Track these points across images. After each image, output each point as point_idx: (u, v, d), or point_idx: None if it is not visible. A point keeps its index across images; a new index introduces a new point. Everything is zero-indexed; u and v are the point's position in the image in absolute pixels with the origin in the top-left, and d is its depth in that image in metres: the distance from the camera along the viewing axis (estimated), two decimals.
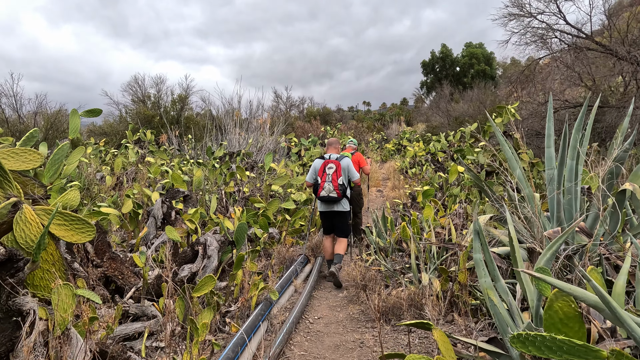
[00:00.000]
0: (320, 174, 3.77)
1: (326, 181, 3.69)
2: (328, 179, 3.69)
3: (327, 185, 3.68)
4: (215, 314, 2.45)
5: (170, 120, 17.56)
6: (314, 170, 3.87)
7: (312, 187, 3.89)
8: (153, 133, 11.12)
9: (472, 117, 12.91)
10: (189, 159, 8.69)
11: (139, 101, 19.34)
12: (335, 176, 3.69)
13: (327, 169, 3.75)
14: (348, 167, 3.81)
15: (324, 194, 3.69)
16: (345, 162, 3.81)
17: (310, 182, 3.92)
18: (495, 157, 7.19)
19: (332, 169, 3.73)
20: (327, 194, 3.67)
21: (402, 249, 3.69)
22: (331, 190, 3.66)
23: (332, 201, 3.72)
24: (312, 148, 9.63)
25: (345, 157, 3.87)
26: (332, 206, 3.77)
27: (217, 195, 5.23)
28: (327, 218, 3.87)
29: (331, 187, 3.66)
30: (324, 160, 3.86)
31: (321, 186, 3.71)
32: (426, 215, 3.97)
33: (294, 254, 3.98)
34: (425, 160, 11.08)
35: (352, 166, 3.86)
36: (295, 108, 27.47)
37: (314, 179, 3.87)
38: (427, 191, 5.10)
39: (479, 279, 1.69)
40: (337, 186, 3.66)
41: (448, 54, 37.26)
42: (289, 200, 4.85)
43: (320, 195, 3.72)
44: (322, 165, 3.80)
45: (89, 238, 1.70)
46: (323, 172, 3.75)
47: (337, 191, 3.65)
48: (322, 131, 14.84)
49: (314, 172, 3.87)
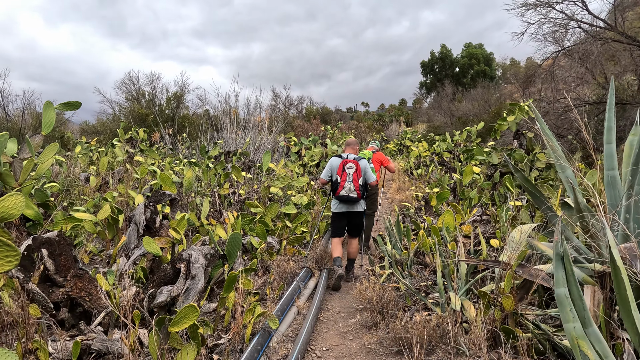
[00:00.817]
0: (339, 173, 3.71)
1: (347, 180, 3.65)
2: (349, 179, 3.65)
3: (348, 185, 3.64)
4: (200, 350, 1.95)
5: (166, 119, 17.05)
6: (331, 169, 3.80)
7: (330, 185, 3.82)
8: (146, 131, 10.60)
9: (477, 116, 12.45)
10: (182, 159, 8.18)
11: (133, 99, 18.82)
12: (356, 176, 3.66)
13: (346, 169, 3.69)
14: (366, 168, 3.75)
15: (343, 193, 3.64)
16: (364, 163, 3.76)
17: (325, 179, 3.85)
18: (510, 157, 6.73)
19: (352, 168, 3.68)
20: (348, 193, 3.63)
21: (422, 262, 3.20)
22: (352, 190, 3.62)
23: (351, 201, 3.67)
24: (313, 147, 9.14)
25: (363, 159, 3.81)
26: (351, 206, 3.73)
27: (210, 198, 4.72)
28: (343, 218, 3.80)
29: (352, 187, 3.63)
30: (341, 159, 3.78)
31: (341, 185, 3.66)
32: (447, 222, 3.48)
33: (296, 266, 3.48)
34: (430, 160, 10.61)
35: (369, 168, 3.80)
36: (294, 107, 27.00)
37: (328, 177, 3.82)
38: (441, 194, 4.61)
39: (564, 322, 1.20)
40: (358, 186, 3.64)
41: (448, 54, 36.91)
42: (289, 203, 4.36)
43: (339, 194, 3.66)
44: (340, 164, 3.74)
45: (11, 266, 1.20)
46: (343, 171, 3.70)
47: (358, 191, 3.63)
48: (322, 130, 14.35)
49: (330, 170, 3.80)
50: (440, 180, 7.34)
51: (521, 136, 7.29)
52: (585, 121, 2.42)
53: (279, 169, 5.27)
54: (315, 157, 8.88)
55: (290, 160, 9.29)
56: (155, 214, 3.67)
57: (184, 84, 18.00)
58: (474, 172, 5.26)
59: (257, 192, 4.93)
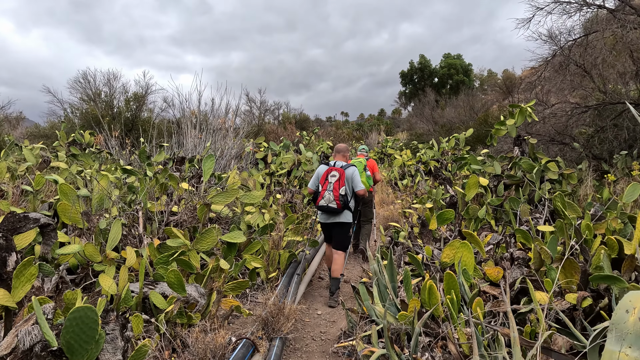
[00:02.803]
0: (322, 182, 3.52)
1: (327, 190, 3.45)
2: (329, 188, 3.44)
3: (327, 195, 3.43)
4: None
5: (125, 123, 15.37)
6: (317, 177, 3.61)
7: (313, 195, 3.61)
8: (93, 134, 9.05)
9: (463, 123, 11.61)
10: (123, 165, 6.71)
11: (90, 100, 17.04)
12: (337, 185, 3.44)
13: (329, 177, 3.49)
14: (352, 176, 3.48)
15: (322, 203, 3.44)
16: (350, 171, 3.50)
17: (312, 189, 3.64)
18: (515, 166, 5.71)
19: (335, 177, 3.47)
20: (327, 203, 3.42)
21: (430, 331, 1.98)
22: (331, 200, 3.41)
23: (331, 212, 3.46)
24: (284, 153, 7.87)
25: (352, 166, 3.55)
26: (332, 217, 3.51)
27: (125, 221, 3.36)
28: (326, 229, 3.64)
29: (331, 197, 3.41)
30: (328, 166, 3.57)
31: (321, 194, 3.47)
32: (464, 261, 2.30)
33: (231, 335, 2.17)
34: (416, 170, 9.57)
35: (358, 176, 3.50)
36: (270, 114, 25.72)
37: (315, 185, 3.60)
38: (443, 214, 3.45)
39: None
40: (338, 196, 3.40)
41: (427, 64, 36.97)
42: (234, 228, 3.06)
43: (319, 204, 3.47)
44: (325, 173, 3.53)
45: None
46: (325, 180, 3.50)
47: (337, 201, 3.40)
48: (297, 136, 13.13)
49: (317, 179, 3.60)
50: (432, 194, 6.23)
51: (522, 142, 6.33)
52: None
53: (232, 178, 3.97)
54: (286, 164, 7.62)
55: (256, 169, 7.99)
56: (9, 250, 2.29)
57: (147, 84, 16.40)
58: (479, 184, 4.15)
59: (194, 211, 3.61)
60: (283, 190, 6.37)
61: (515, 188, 5.32)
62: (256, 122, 23.33)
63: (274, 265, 3.41)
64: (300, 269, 3.46)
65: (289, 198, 5.97)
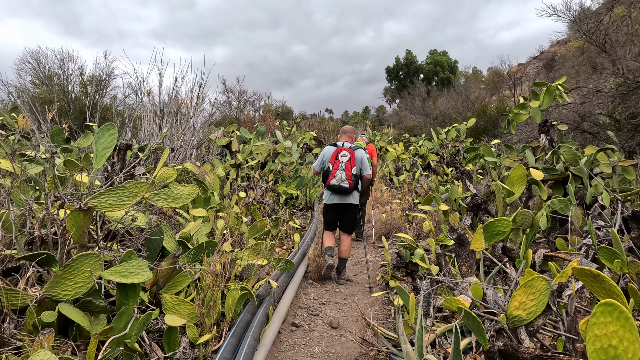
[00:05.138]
0: (331, 161, 3.46)
1: (339, 169, 3.40)
2: (341, 167, 3.39)
3: (340, 174, 3.38)
4: None
5: (81, 110, 13.46)
6: (323, 158, 3.56)
7: (322, 175, 3.53)
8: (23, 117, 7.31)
9: (460, 114, 10.45)
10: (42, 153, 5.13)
11: (41, 84, 15.01)
12: (350, 165, 3.39)
13: (340, 157, 3.43)
14: (362, 158, 3.47)
15: (334, 182, 3.38)
16: (360, 153, 3.49)
17: (317, 170, 3.63)
18: (554, 157, 4.49)
19: (346, 157, 3.41)
20: (339, 183, 3.37)
21: None
22: (343, 180, 3.36)
23: (342, 192, 3.41)
24: (255, 141, 6.44)
25: (360, 148, 3.53)
26: (343, 198, 3.45)
27: None
28: (334, 211, 3.52)
29: (344, 176, 3.36)
30: (336, 147, 3.52)
31: (332, 174, 3.40)
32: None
33: None
34: (412, 164, 8.31)
35: (366, 159, 3.49)
36: (251, 105, 24.07)
37: (321, 167, 3.57)
38: (492, 225, 2.11)
39: None
40: (350, 176, 3.37)
41: (413, 60, 36.15)
42: (137, 256, 1.63)
43: (329, 183, 3.40)
44: (334, 152, 3.48)
45: None
46: (335, 159, 3.44)
47: (350, 181, 3.36)
48: (277, 126, 11.67)
49: (323, 160, 3.56)
50: (439, 192, 4.95)
51: (550, 129, 5.14)
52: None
53: (159, 170, 2.53)
54: (258, 155, 6.19)
55: (222, 161, 6.52)
56: None
57: (108, 67, 14.52)
58: (527, 179, 2.86)
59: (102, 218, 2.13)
60: (251, 186, 4.93)
61: (553, 185, 4.10)
62: (234, 114, 21.62)
63: (214, 313, 1.98)
64: (259, 316, 2.06)
65: (258, 197, 4.56)
